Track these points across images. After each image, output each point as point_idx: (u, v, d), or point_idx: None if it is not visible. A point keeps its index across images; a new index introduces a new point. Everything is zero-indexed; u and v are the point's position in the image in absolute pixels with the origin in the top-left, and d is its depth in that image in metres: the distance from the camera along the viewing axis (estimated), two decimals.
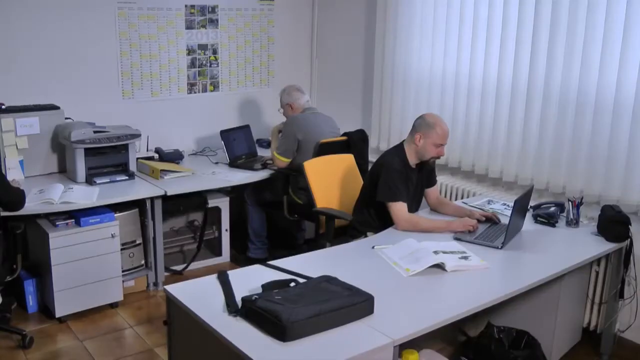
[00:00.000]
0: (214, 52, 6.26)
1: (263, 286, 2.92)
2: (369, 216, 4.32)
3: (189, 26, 6.07)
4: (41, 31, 5.29)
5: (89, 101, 5.56)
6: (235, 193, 5.78)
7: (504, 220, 4.09)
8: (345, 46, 6.49)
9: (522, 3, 4.77)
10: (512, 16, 4.86)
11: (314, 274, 3.09)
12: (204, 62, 6.21)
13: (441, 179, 5.26)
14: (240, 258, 5.73)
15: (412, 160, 4.22)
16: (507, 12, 4.88)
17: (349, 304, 2.75)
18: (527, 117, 4.85)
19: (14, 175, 4.97)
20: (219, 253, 5.76)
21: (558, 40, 4.58)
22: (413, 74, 5.68)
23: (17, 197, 4.32)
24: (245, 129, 6.05)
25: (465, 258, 3.46)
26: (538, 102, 4.77)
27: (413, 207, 4.28)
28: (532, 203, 4.33)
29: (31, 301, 4.84)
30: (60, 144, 5.18)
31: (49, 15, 5.30)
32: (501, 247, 3.69)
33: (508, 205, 4.45)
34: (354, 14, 6.31)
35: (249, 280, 3.08)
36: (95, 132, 5.04)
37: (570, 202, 4.15)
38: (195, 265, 5.58)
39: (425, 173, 4.37)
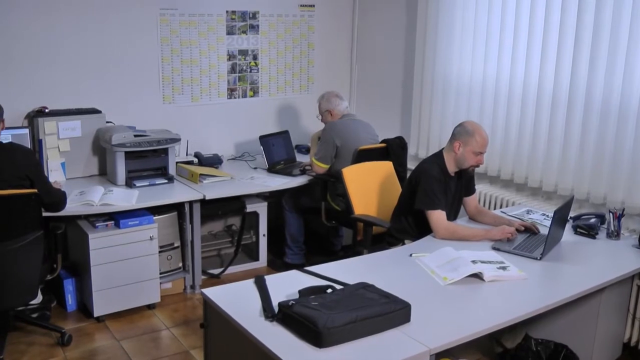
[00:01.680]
0: (254, 57, 6.30)
1: (300, 292, 2.93)
2: (406, 224, 4.30)
3: (230, 32, 6.11)
4: (84, 37, 5.37)
5: (130, 105, 5.63)
6: (273, 198, 5.80)
7: (543, 230, 4.04)
8: (385, 53, 6.49)
9: (565, 9, 4.71)
10: (553, 23, 4.80)
11: (351, 280, 3.08)
12: (244, 67, 6.25)
13: (480, 187, 5.23)
14: (277, 263, 5.73)
15: (451, 168, 4.20)
16: (549, 18, 4.83)
17: (385, 311, 2.74)
18: (568, 125, 4.79)
19: (55, 176, 5.06)
20: (256, 258, 5.77)
21: (600, 48, 4.51)
22: (453, 81, 5.66)
23: (58, 198, 4.38)
24: (284, 134, 6.06)
25: (504, 268, 3.43)
26: (579, 110, 4.71)
27: (451, 216, 4.25)
28: (572, 214, 4.28)
29: (70, 300, 4.92)
30: (101, 147, 5.26)
31: (93, 21, 5.38)
32: (540, 258, 3.65)
33: (547, 216, 4.41)
34: (394, 21, 6.30)
35: (286, 285, 3.09)
36: (135, 136, 5.11)
37: (611, 214, 4.09)
38: (232, 269, 5.60)
39: (464, 181, 4.34)
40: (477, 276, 3.32)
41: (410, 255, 3.63)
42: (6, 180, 3.97)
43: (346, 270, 3.36)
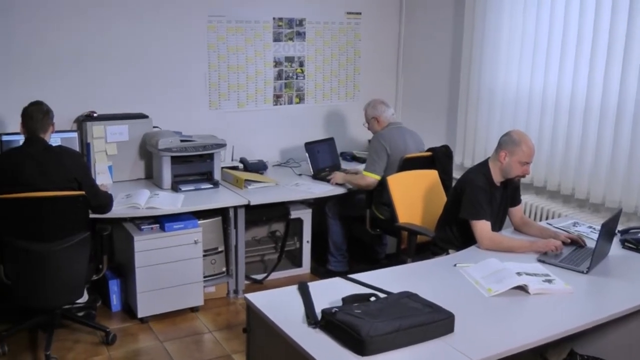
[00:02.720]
0: (301, 64, 6.32)
1: (343, 299, 2.92)
2: (451, 233, 4.27)
3: (277, 39, 6.15)
4: (133, 43, 5.47)
5: (177, 111, 5.71)
6: (317, 205, 5.80)
7: (590, 243, 3.97)
8: (431, 60, 6.46)
9: (614, 19, 4.64)
10: (602, 33, 4.73)
11: (395, 289, 3.07)
12: (291, 74, 6.28)
13: (526, 198, 5.17)
14: (321, 270, 5.73)
15: (497, 178, 4.16)
16: (597, 28, 4.76)
17: (429, 321, 2.72)
18: (616, 136, 4.72)
19: (102, 180, 5.14)
20: (299, 264, 5.78)
21: None
22: (499, 89, 5.61)
23: (105, 201, 4.45)
24: (329, 141, 6.06)
25: (549, 281, 3.38)
26: (628, 121, 4.63)
27: (496, 226, 4.21)
28: (619, 227, 4.19)
29: (115, 300, 5.00)
30: (147, 152, 5.33)
31: (141, 28, 5.49)
32: (587, 272, 3.59)
33: (594, 229, 4.33)
34: (441, 29, 6.28)
35: (329, 292, 3.09)
36: (181, 141, 5.17)
37: None
38: (275, 275, 5.62)
39: (510, 191, 4.29)
40: (522, 288, 3.27)
41: (455, 265, 3.60)
42: (55, 183, 4.06)
43: (390, 279, 3.35)
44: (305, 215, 5.68)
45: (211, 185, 5.26)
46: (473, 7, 5.75)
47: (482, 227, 3.97)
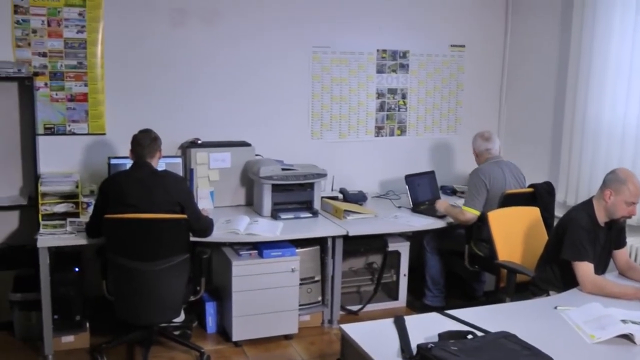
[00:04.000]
0: (403, 96, 6.33)
1: (440, 335, 2.89)
2: (552, 274, 4.15)
3: (380, 70, 6.18)
4: (238, 73, 5.65)
5: (279, 140, 5.81)
6: (415, 238, 5.76)
7: None
8: (534, 94, 6.35)
9: None
10: None
11: (492, 328, 3.02)
12: (393, 106, 6.29)
13: (632, 240, 4.97)
14: (417, 304, 5.66)
15: (601, 218, 4.03)
16: None
17: None
18: None
19: (204, 204, 5.26)
20: (395, 297, 5.73)
21: None
22: (605, 125, 5.44)
23: (206, 225, 4.57)
24: (430, 174, 6.02)
25: None
26: None
27: (599, 269, 4.07)
28: None
29: (211, 322, 5.09)
30: (249, 179, 5.44)
31: (247, 58, 5.66)
32: None
33: None
34: (546, 61, 6.16)
35: (425, 327, 3.06)
36: (283, 169, 5.25)
37: None
38: (370, 307, 5.58)
39: (615, 233, 4.15)
40: (628, 338, 3.14)
41: (556, 307, 3.50)
42: (159, 205, 4.21)
43: (487, 317, 3.29)
44: (403, 248, 5.64)
45: (310, 215, 5.31)
46: (579, 40, 5.62)
47: (584, 269, 3.85)
